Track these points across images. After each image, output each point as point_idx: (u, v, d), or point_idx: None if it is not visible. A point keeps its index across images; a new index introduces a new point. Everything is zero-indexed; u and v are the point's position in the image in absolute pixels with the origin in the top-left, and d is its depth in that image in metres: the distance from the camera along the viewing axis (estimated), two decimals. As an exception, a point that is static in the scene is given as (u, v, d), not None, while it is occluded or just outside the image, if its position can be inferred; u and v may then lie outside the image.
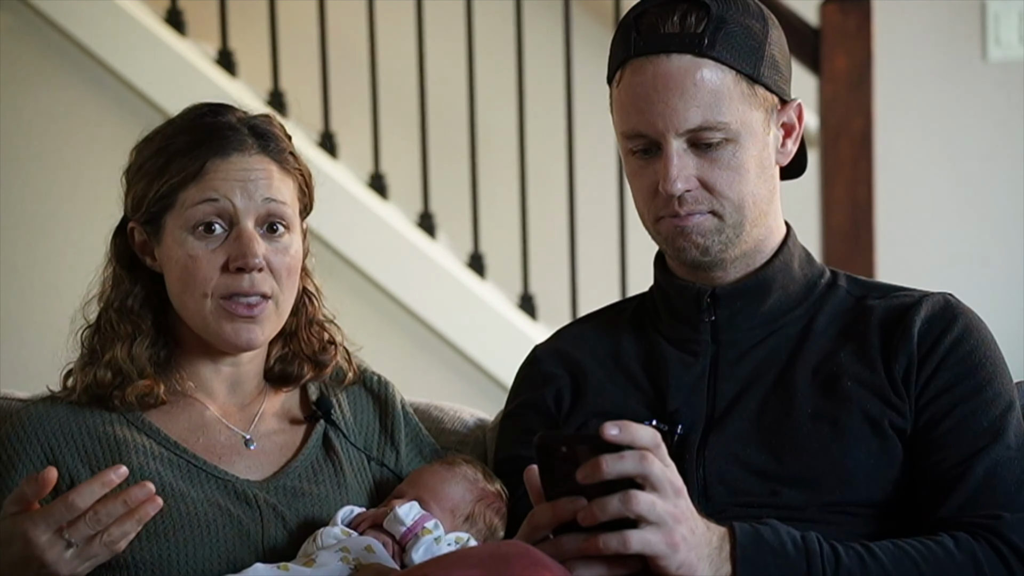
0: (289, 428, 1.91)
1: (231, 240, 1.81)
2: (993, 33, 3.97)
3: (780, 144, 1.84)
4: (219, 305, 1.81)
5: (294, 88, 3.80)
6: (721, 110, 1.75)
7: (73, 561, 1.61)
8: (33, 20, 3.65)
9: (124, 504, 1.61)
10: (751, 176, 1.78)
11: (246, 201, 1.81)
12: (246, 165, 1.82)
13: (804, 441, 1.76)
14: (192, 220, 1.80)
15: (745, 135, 1.77)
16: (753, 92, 1.78)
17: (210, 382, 1.88)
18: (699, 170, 1.77)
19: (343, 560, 1.71)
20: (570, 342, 1.94)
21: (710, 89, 1.75)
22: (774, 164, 1.83)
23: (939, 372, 1.77)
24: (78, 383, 1.85)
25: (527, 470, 1.59)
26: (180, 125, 1.85)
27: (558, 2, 3.78)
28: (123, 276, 1.87)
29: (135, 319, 1.85)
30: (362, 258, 3.62)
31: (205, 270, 1.80)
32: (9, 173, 3.68)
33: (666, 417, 1.81)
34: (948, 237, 4.01)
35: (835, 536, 1.69)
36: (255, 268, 1.80)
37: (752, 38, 1.77)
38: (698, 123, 1.75)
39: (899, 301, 1.84)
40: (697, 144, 1.76)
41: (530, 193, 3.76)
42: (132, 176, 1.86)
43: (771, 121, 1.81)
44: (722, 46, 1.75)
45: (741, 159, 1.77)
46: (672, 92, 1.75)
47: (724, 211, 1.78)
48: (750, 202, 1.79)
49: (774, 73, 1.80)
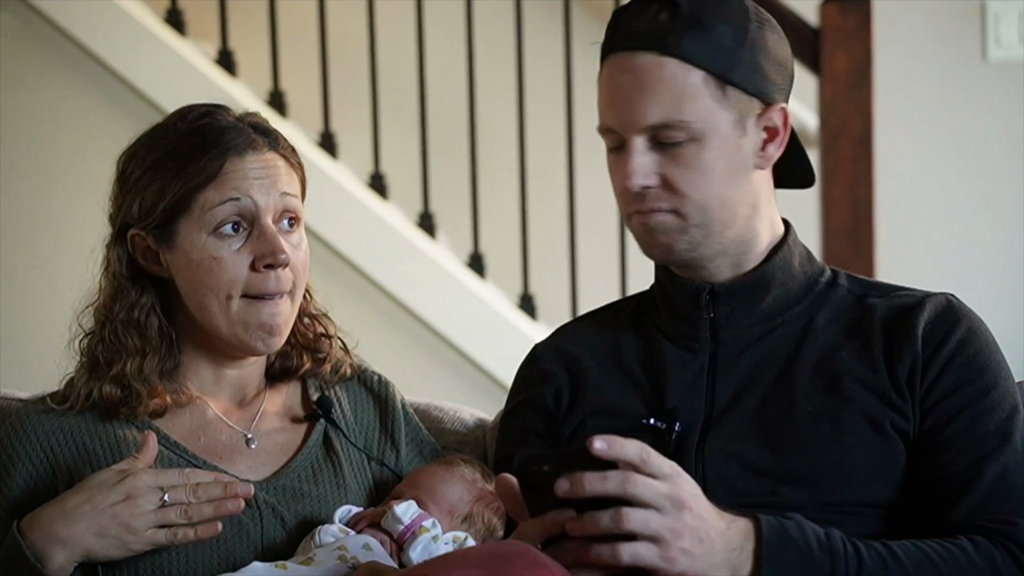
0: (290, 427, 1.91)
1: (255, 239, 1.81)
2: (993, 33, 3.97)
3: (760, 148, 1.82)
4: (242, 305, 1.80)
5: (294, 88, 3.80)
6: (684, 109, 1.75)
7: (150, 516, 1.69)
8: (33, 20, 3.65)
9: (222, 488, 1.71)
10: (717, 177, 1.77)
11: (266, 198, 1.81)
12: (262, 162, 1.82)
13: (804, 440, 1.76)
14: (214, 221, 1.79)
15: (711, 136, 1.76)
16: (723, 93, 1.76)
17: (214, 384, 1.88)
18: (661, 168, 1.77)
19: (341, 559, 1.71)
20: (570, 340, 1.94)
21: (672, 87, 1.75)
22: (751, 168, 1.81)
23: (944, 375, 1.76)
24: (80, 394, 1.83)
25: (500, 485, 1.59)
26: (183, 129, 1.83)
27: (558, 2, 3.78)
28: (127, 286, 1.85)
29: (142, 330, 1.84)
30: (362, 258, 3.62)
31: (232, 271, 1.80)
32: (9, 173, 3.68)
33: (664, 415, 1.81)
34: (948, 237, 4.01)
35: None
36: (284, 264, 1.80)
37: (727, 39, 1.76)
38: (658, 120, 1.75)
39: (900, 301, 1.83)
40: (660, 142, 1.76)
41: (530, 193, 3.76)
42: (134, 184, 1.83)
43: (747, 124, 1.79)
44: (690, 45, 1.75)
45: (705, 160, 1.76)
46: (635, 89, 1.76)
47: (686, 211, 1.78)
48: (716, 204, 1.78)
49: (753, 75, 1.78)
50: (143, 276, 1.86)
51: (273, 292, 1.81)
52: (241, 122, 1.85)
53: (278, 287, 1.81)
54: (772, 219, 1.86)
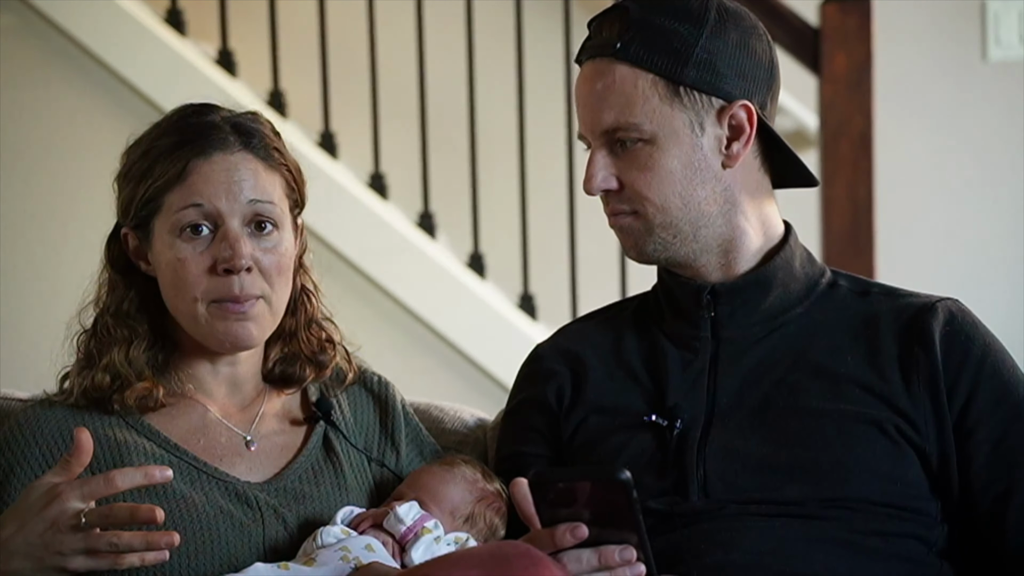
0: (289, 429, 1.91)
1: (217, 241, 1.79)
2: (993, 33, 3.97)
3: (724, 146, 1.82)
4: (209, 308, 1.80)
5: (294, 88, 3.80)
6: (633, 111, 1.79)
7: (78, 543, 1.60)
8: (33, 20, 3.65)
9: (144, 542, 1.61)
10: (675, 177, 1.80)
11: (231, 203, 1.79)
12: (228, 165, 1.80)
13: (805, 436, 1.76)
14: (179, 224, 1.79)
15: (664, 137, 1.79)
16: (675, 94, 1.79)
17: (209, 383, 1.88)
18: (618, 171, 1.81)
19: (343, 559, 1.71)
20: (571, 339, 1.95)
21: (621, 91, 1.79)
22: (716, 166, 1.81)
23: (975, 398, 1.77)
24: (75, 386, 1.84)
25: (515, 490, 1.63)
26: (165, 127, 1.84)
27: (558, 2, 3.78)
28: (118, 281, 1.86)
29: (131, 323, 1.84)
30: (362, 258, 3.62)
31: (193, 273, 1.79)
32: (9, 173, 3.68)
33: (665, 412, 1.81)
34: (948, 237, 4.01)
35: (835, 531, 1.70)
36: (241, 269, 1.78)
37: (676, 40, 1.78)
38: (610, 124, 1.80)
39: (907, 302, 1.84)
40: (615, 145, 1.81)
41: (530, 193, 3.76)
42: (120, 181, 1.85)
43: (704, 123, 1.80)
44: (638, 49, 1.79)
45: (659, 160, 1.79)
46: (590, 95, 1.82)
47: (647, 212, 1.81)
48: (677, 203, 1.80)
49: (708, 75, 1.79)
50: (135, 273, 1.86)
51: (237, 297, 1.79)
52: (223, 121, 1.83)
53: (241, 294, 1.79)
54: (764, 218, 1.86)
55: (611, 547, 1.57)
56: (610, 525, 1.55)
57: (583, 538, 1.57)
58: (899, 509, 1.75)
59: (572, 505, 1.55)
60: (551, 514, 1.56)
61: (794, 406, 1.78)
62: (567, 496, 1.54)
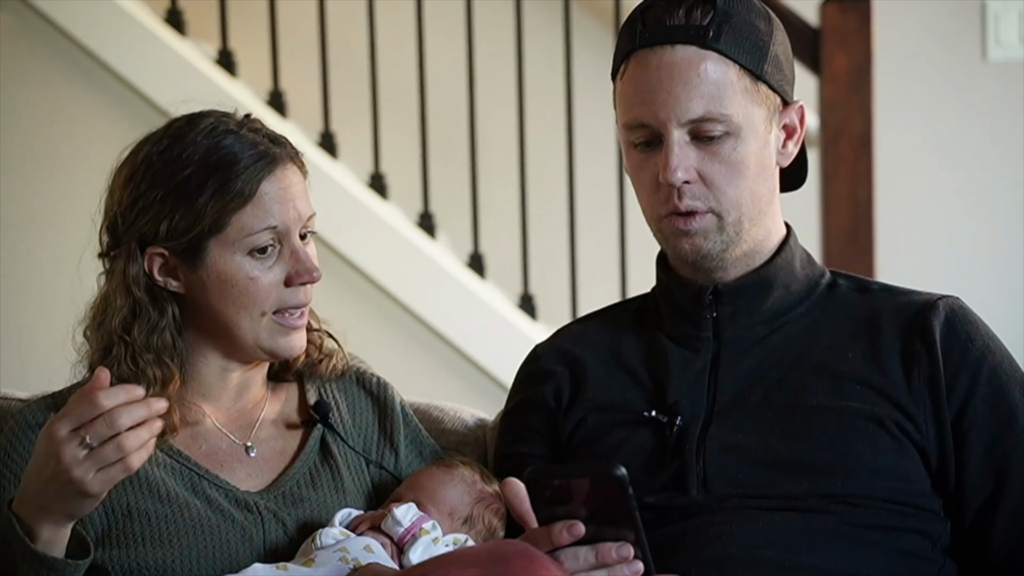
0: (287, 433, 1.91)
1: (286, 257, 1.81)
2: (993, 33, 3.96)
3: (781, 145, 1.84)
4: (272, 320, 1.81)
5: (294, 88, 3.80)
6: (724, 102, 1.76)
7: (87, 463, 1.58)
8: (33, 20, 3.65)
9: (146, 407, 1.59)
10: (750, 173, 1.78)
11: (296, 219, 1.81)
12: (288, 181, 1.82)
13: (806, 432, 1.76)
14: (252, 245, 1.79)
15: (747, 130, 1.78)
16: (756, 89, 1.78)
17: (217, 390, 1.87)
18: (699, 163, 1.77)
19: (342, 560, 1.71)
20: (571, 339, 1.95)
21: (713, 81, 1.76)
22: (775, 164, 1.83)
23: (971, 400, 1.77)
24: None
25: (508, 489, 1.62)
26: (206, 146, 1.79)
27: (558, 2, 3.78)
28: (146, 306, 1.81)
29: (162, 357, 1.80)
30: (362, 258, 3.62)
31: (267, 289, 1.80)
32: (8, 173, 3.68)
33: (665, 409, 1.81)
34: (948, 237, 4.01)
35: (836, 525, 1.70)
36: (319, 279, 1.83)
37: (757, 35, 1.78)
38: (700, 114, 1.76)
39: (908, 299, 1.84)
40: (698, 136, 1.77)
41: (530, 193, 3.76)
42: (154, 202, 1.79)
43: (773, 120, 1.81)
44: (727, 40, 1.76)
45: (741, 154, 1.77)
46: (676, 82, 1.76)
47: (722, 208, 1.78)
48: (748, 200, 1.79)
49: (777, 73, 1.80)
50: (160, 292, 1.82)
51: (302, 304, 1.83)
52: (251, 132, 1.82)
53: (306, 300, 1.84)
54: (777, 219, 1.87)
55: (608, 544, 1.57)
56: (607, 522, 1.55)
57: (580, 536, 1.56)
58: (901, 505, 1.75)
59: (569, 503, 1.55)
60: (548, 512, 1.56)
61: (795, 403, 1.78)
62: (564, 493, 1.54)
